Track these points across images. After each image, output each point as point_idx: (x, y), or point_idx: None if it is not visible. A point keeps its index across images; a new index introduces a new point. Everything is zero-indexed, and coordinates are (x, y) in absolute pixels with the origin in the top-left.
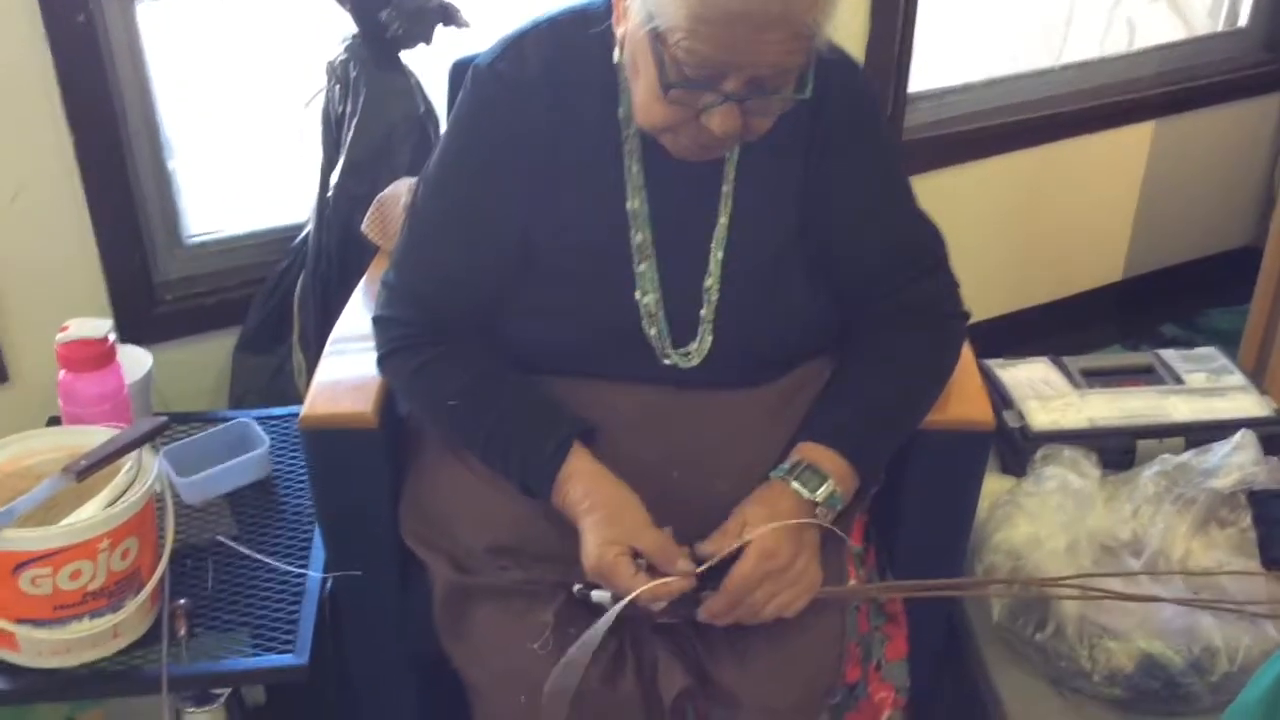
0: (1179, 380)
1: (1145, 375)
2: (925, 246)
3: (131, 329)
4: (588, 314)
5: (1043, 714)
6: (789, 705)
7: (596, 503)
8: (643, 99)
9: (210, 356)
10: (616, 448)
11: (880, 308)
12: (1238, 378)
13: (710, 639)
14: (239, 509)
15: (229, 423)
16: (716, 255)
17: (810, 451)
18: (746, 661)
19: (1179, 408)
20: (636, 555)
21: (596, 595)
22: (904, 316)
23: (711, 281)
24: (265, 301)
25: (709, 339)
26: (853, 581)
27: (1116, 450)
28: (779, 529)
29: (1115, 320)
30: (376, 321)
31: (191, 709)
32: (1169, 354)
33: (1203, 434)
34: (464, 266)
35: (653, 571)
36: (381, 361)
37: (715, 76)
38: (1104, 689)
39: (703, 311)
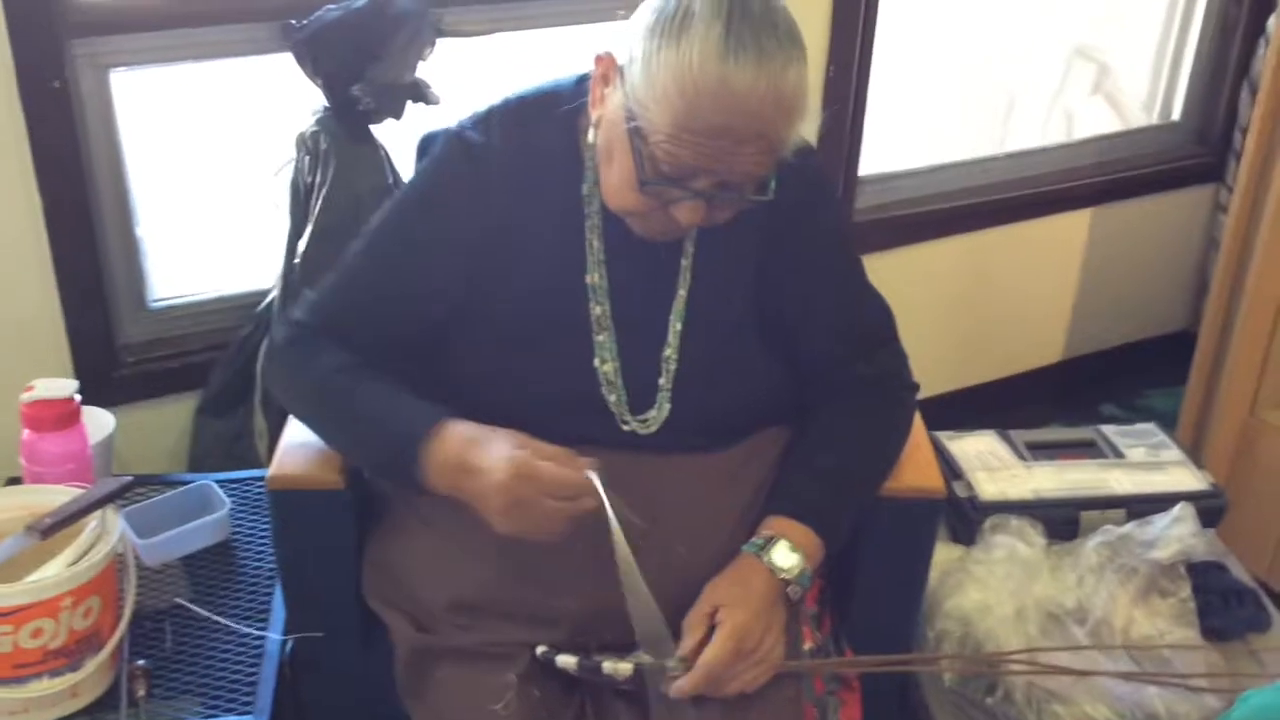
0: (1120, 454)
1: (1088, 449)
2: (878, 322)
3: (93, 390)
4: (548, 380)
5: None
6: None
7: (478, 432)
8: (615, 185)
9: (171, 419)
10: None
11: (835, 380)
12: (1175, 453)
13: (670, 701)
14: (198, 572)
15: (189, 485)
16: (675, 326)
17: (781, 526)
18: None
19: (1120, 481)
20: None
21: (561, 660)
22: (859, 388)
23: (670, 351)
24: (228, 365)
25: (667, 406)
26: (808, 644)
27: (1061, 520)
28: (752, 611)
29: (1055, 399)
30: (280, 322)
31: None
32: (1110, 429)
33: (1143, 506)
34: (385, 307)
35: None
36: (271, 356)
37: (688, 177)
38: None
39: (661, 380)
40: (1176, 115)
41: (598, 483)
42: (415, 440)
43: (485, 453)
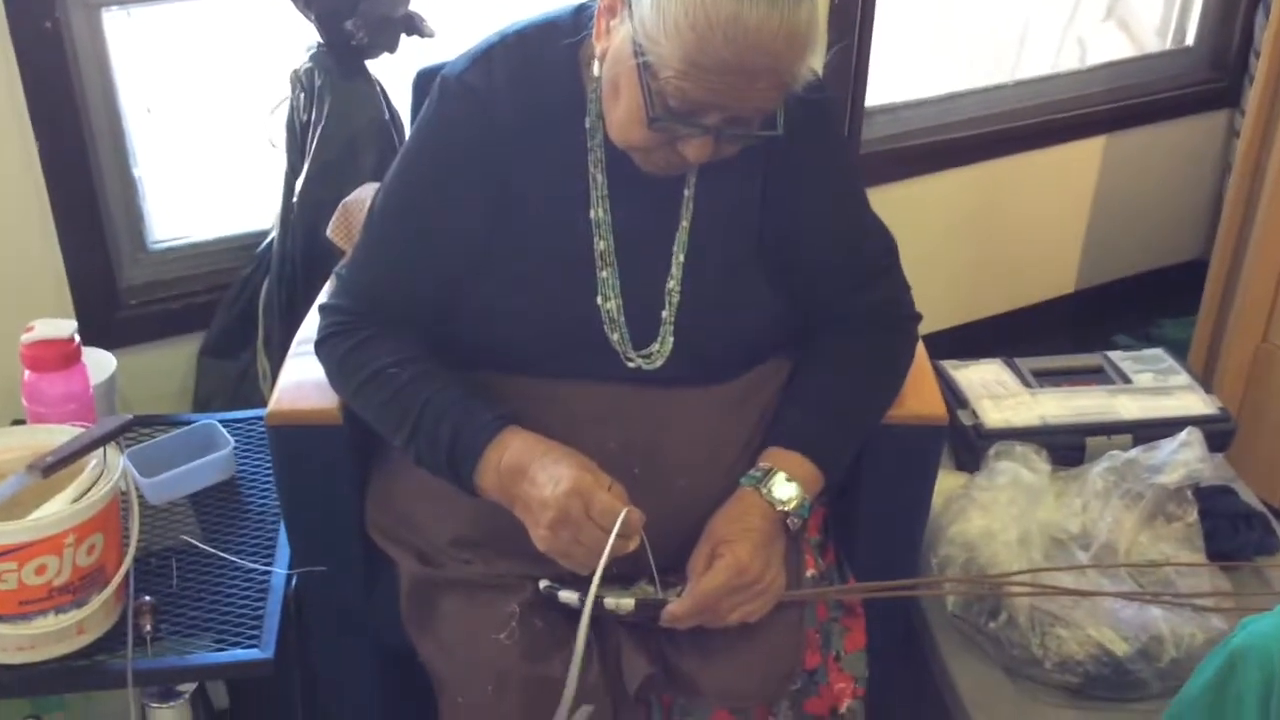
0: (1127, 380)
1: (1095, 375)
2: (880, 250)
3: (95, 333)
4: (549, 318)
5: (997, 701)
6: (749, 692)
7: (548, 446)
8: (621, 121)
9: (174, 361)
10: (575, 441)
11: (837, 310)
12: (1183, 378)
13: (672, 629)
14: (203, 510)
15: (193, 425)
16: (678, 258)
17: (779, 459)
18: (708, 651)
19: (1127, 406)
20: None
21: (564, 595)
22: (861, 319)
23: (673, 283)
24: (230, 306)
25: (670, 340)
26: (811, 572)
27: (1067, 447)
28: (751, 545)
29: (1068, 331)
30: (322, 309)
31: (156, 705)
32: (1117, 355)
33: (1150, 431)
34: (415, 271)
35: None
36: (318, 345)
37: (697, 113)
38: (1056, 676)
39: (664, 313)
40: (1190, 40)
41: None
42: (480, 441)
43: (548, 465)
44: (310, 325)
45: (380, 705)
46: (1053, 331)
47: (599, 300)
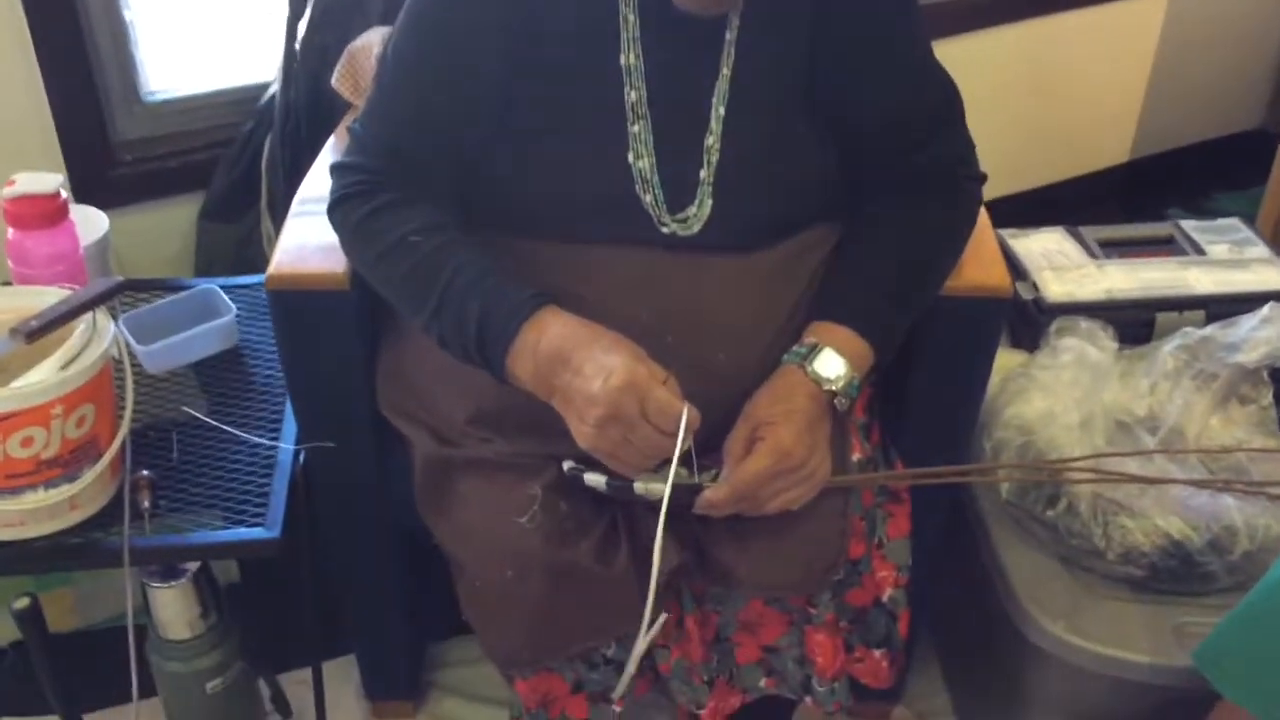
0: (1200, 251)
1: (1165, 246)
2: (941, 102)
3: (88, 190)
4: (575, 178)
5: (1053, 595)
6: (790, 583)
7: (595, 332)
8: None
9: (173, 223)
10: (606, 309)
11: (893, 168)
12: (1261, 249)
13: (707, 516)
14: (206, 382)
15: (192, 290)
16: (718, 110)
17: (826, 333)
18: (746, 540)
19: (1200, 279)
20: None
21: (590, 479)
22: (918, 178)
23: (712, 140)
24: (231, 165)
25: (709, 203)
26: (857, 456)
27: (1135, 323)
28: (795, 427)
29: (1119, 203)
30: (334, 169)
31: (157, 585)
32: (1190, 225)
33: (1225, 307)
34: (434, 122)
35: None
36: (332, 208)
37: None
38: (1118, 568)
39: (703, 173)
40: None
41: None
42: (515, 322)
43: (596, 354)
44: (314, 183)
45: (394, 585)
46: (1103, 202)
47: (630, 158)
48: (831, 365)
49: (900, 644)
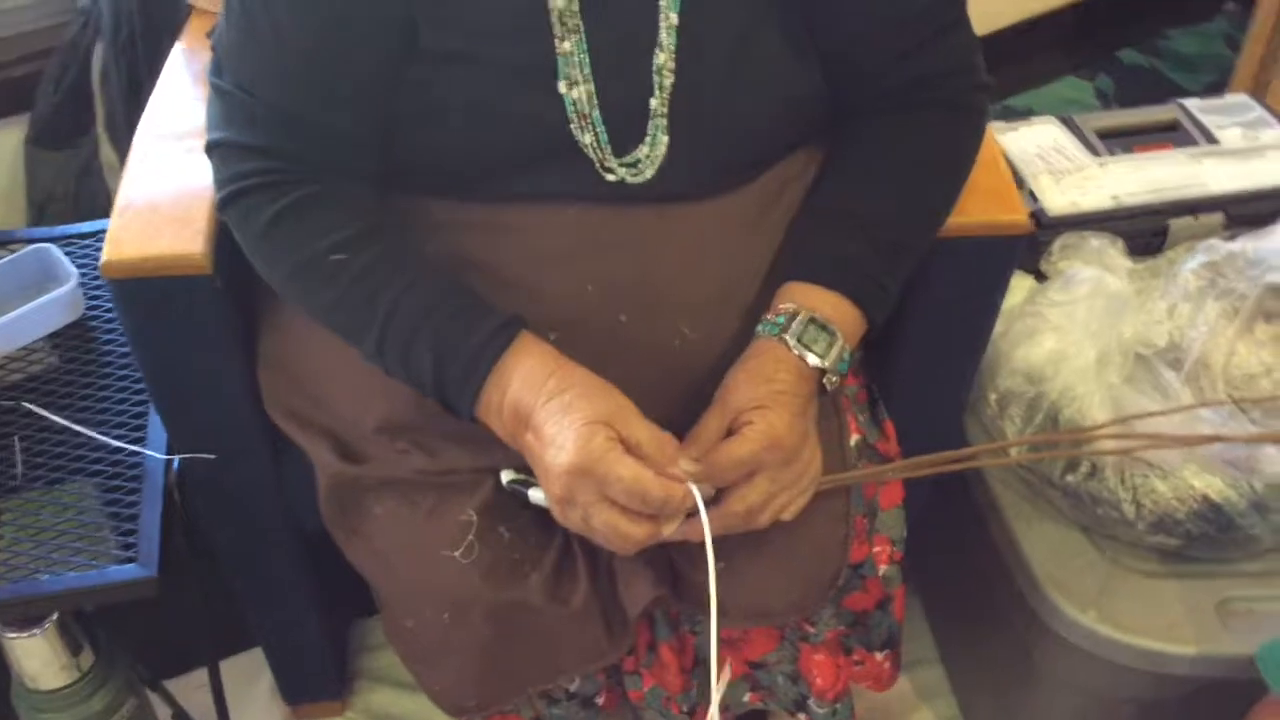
0: (1211, 139)
1: (1171, 135)
2: None
3: None
4: (496, 116)
5: (1077, 573)
6: (784, 609)
7: (565, 382)
8: None
9: None
10: (539, 288)
11: (885, 82)
12: (1277, 133)
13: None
14: (50, 366)
15: (22, 250)
16: (669, 16)
17: (809, 297)
18: (731, 561)
19: (1215, 175)
20: None
21: (535, 495)
22: (916, 93)
23: (664, 57)
24: (57, 80)
25: (663, 140)
26: (856, 437)
27: (1145, 232)
28: (788, 412)
29: (1066, 49)
30: (214, 148)
31: (14, 634)
32: (1194, 105)
33: (1243, 206)
34: (336, 62)
35: None
36: (224, 205)
37: None
38: (1149, 538)
39: (654, 101)
40: None
41: (698, 497)
42: (473, 383)
43: (554, 413)
44: (162, 113)
45: (299, 582)
46: (1048, 49)
47: (561, 85)
48: (816, 337)
49: (899, 632)
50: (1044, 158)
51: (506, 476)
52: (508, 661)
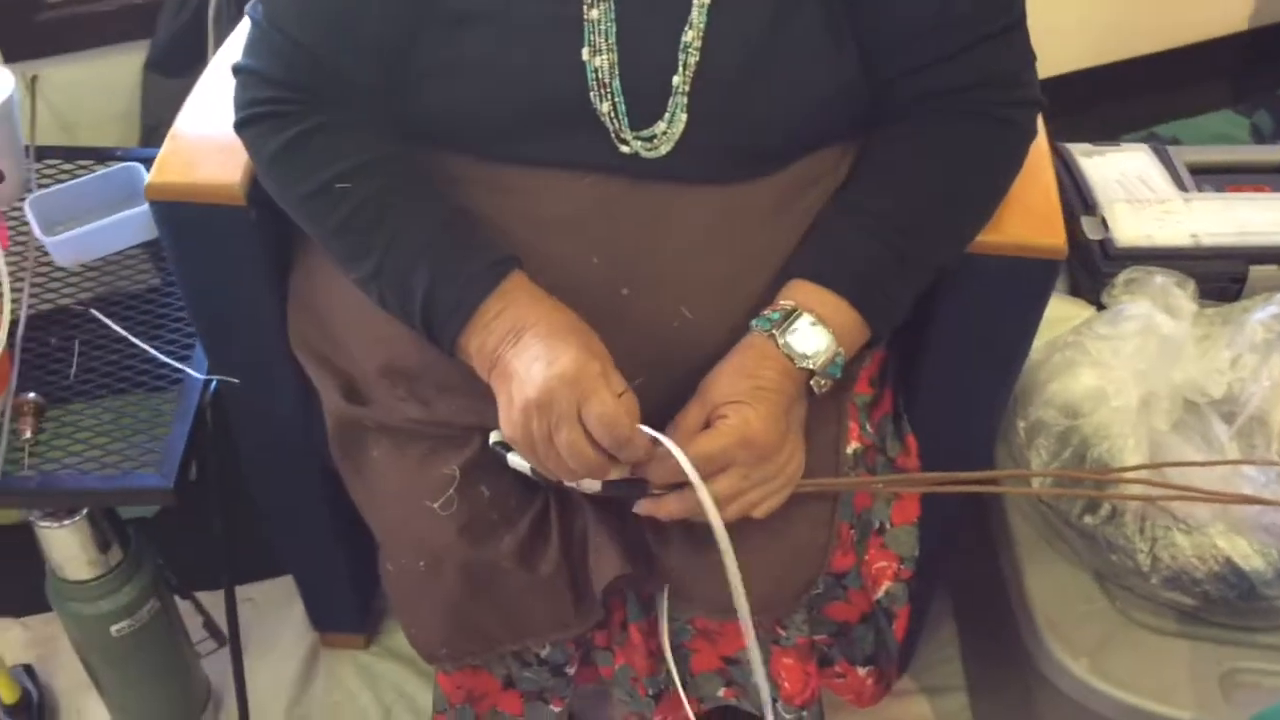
0: None
1: (1271, 178)
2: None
3: (10, 40)
4: (516, 77)
5: (1080, 619)
6: (753, 604)
7: (554, 326)
8: None
9: (116, 76)
10: (545, 252)
11: (926, 82)
12: None
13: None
14: (120, 282)
15: (110, 169)
16: None
17: (810, 297)
18: (704, 549)
19: None
20: None
21: (514, 460)
22: (958, 98)
23: (692, 34)
24: (176, 9)
25: (682, 117)
26: (854, 445)
27: (1223, 277)
28: (768, 409)
29: (1231, 80)
30: (238, 72)
31: (46, 524)
32: None
33: None
34: (355, 4)
35: None
36: (240, 126)
37: None
38: (1163, 593)
39: (676, 79)
40: None
41: (687, 466)
42: (473, 295)
43: (550, 339)
44: (232, 47)
45: (327, 517)
46: (1210, 79)
47: (585, 53)
48: (808, 337)
49: (895, 652)
50: (1125, 185)
51: (494, 437)
52: (476, 618)
